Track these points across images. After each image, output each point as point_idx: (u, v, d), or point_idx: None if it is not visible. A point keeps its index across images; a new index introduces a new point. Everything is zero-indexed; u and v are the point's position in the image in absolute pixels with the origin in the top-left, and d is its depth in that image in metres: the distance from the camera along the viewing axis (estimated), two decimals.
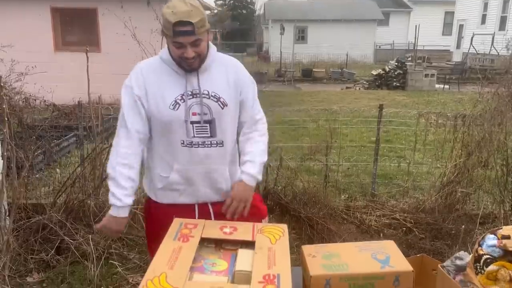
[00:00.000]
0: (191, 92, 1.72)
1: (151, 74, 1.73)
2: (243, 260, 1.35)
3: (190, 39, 1.62)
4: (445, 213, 3.44)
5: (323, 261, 1.53)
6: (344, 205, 3.65)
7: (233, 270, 1.31)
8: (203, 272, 1.31)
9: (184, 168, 1.76)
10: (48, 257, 3.15)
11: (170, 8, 1.60)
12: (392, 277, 1.48)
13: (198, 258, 1.38)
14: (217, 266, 1.35)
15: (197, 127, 1.72)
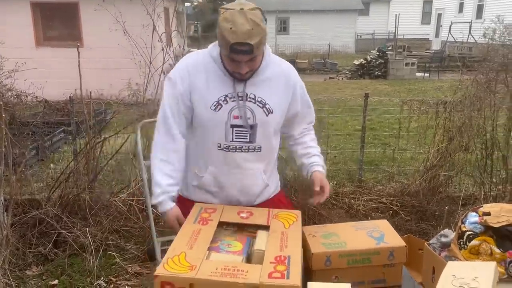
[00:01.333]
0: (237, 94, 1.63)
1: (198, 71, 1.65)
2: (261, 240, 1.45)
3: (247, 58, 1.53)
4: (429, 196, 3.60)
5: (322, 240, 1.65)
6: (332, 191, 3.78)
7: (247, 251, 1.41)
8: (219, 252, 1.41)
9: (218, 171, 1.72)
10: (46, 250, 3.20)
11: (229, 23, 1.47)
12: (387, 252, 1.61)
13: (215, 239, 1.48)
14: (232, 247, 1.46)
15: (237, 131, 1.65)
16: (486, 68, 3.82)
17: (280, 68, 1.72)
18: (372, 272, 1.62)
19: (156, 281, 1.24)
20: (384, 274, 1.63)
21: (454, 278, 1.79)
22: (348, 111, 6.63)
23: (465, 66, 5.00)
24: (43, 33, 9.41)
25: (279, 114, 1.70)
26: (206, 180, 1.74)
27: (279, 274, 1.25)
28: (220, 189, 1.75)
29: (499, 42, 4.31)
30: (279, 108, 1.70)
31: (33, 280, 2.98)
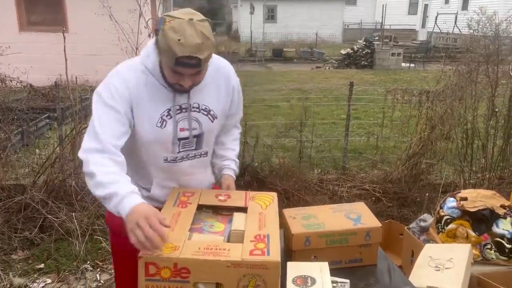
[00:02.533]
0: (180, 106, 1.54)
1: (137, 88, 1.49)
2: (238, 222, 1.49)
3: (193, 71, 1.43)
4: (410, 183, 3.70)
5: (302, 221, 1.70)
6: (317, 178, 3.85)
7: (229, 231, 1.46)
8: (202, 233, 1.45)
9: (165, 182, 1.66)
10: (32, 235, 3.22)
11: (177, 34, 1.34)
12: (363, 233, 1.66)
13: (197, 221, 1.52)
14: (214, 227, 1.50)
15: (184, 142, 1.60)
16: (468, 58, 3.90)
17: (219, 68, 1.65)
18: (349, 251, 1.68)
19: (140, 262, 1.27)
20: (361, 254, 1.70)
21: (431, 259, 1.88)
22: (334, 100, 6.70)
23: (449, 57, 5.09)
24: (27, 17, 9.26)
25: (222, 118, 1.69)
26: (154, 193, 1.66)
27: (260, 252, 1.30)
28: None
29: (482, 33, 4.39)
30: (222, 112, 1.67)
31: (19, 264, 3.00)
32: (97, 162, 1.39)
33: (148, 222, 1.27)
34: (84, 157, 1.43)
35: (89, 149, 1.43)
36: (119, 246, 1.67)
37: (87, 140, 1.45)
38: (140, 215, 1.29)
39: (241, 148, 3.77)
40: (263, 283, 1.28)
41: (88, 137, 1.45)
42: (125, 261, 1.60)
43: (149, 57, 1.50)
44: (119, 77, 1.50)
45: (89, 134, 1.46)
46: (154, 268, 1.28)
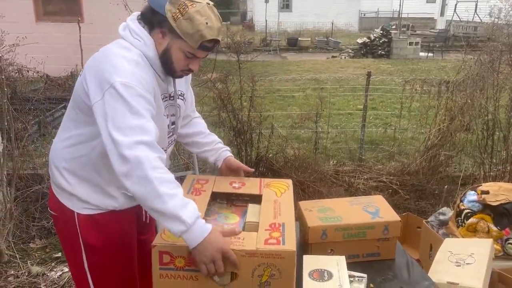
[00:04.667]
0: (169, 94, 1.52)
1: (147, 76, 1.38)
2: (252, 213, 1.47)
3: (205, 54, 1.45)
4: (428, 175, 3.62)
5: (319, 214, 1.67)
6: (333, 169, 3.81)
7: (243, 222, 1.43)
8: (216, 224, 1.44)
9: None
10: (49, 224, 3.25)
11: (203, 17, 1.34)
12: (382, 227, 1.63)
13: (212, 212, 1.51)
14: (229, 219, 1.48)
15: (171, 129, 1.57)
16: (490, 47, 3.78)
17: None
18: (366, 245, 1.65)
19: (154, 250, 1.26)
20: (379, 248, 1.66)
21: (451, 254, 1.83)
22: (350, 90, 6.60)
23: (469, 46, 4.95)
24: (43, 8, 9.31)
25: (189, 101, 1.68)
26: None
27: (275, 241, 1.27)
28: None
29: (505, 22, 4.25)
30: (187, 95, 1.65)
31: (37, 253, 3.04)
32: (151, 165, 1.23)
33: (223, 256, 1.23)
34: (133, 155, 1.22)
35: (138, 142, 1.23)
36: (98, 265, 1.53)
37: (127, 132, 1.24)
38: (215, 249, 1.22)
39: (256, 138, 3.75)
40: (278, 273, 1.26)
41: (124, 131, 1.24)
42: (106, 277, 1.55)
43: (147, 46, 1.40)
44: (141, 66, 1.37)
45: (123, 128, 1.25)
46: (168, 257, 1.27)
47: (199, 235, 1.22)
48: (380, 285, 1.54)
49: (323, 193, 3.28)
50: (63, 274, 2.84)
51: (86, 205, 1.48)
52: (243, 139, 3.59)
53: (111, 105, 1.27)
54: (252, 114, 3.59)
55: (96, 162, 1.44)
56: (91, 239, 1.49)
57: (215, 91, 3.45)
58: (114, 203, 1.50)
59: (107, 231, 1.51)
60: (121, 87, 1.27)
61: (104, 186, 1.47)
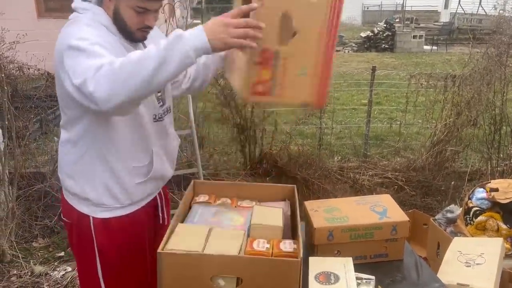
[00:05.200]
0: None
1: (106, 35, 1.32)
2: (258, 215, 1.44)
3: (158, 5, 1.37)
4: (435, 171, 3.57)
5: (325, 215, 1.63)
6: (337, 166, 3.76)
7: (248, 225, 1.40)
8: (221, 226, 1.41)
9: (158, 147, 1.50)
10: (52, 223, 3.23)
11: None
12: (389, 227, 1.59)
13: (217, 213, 1.47)
14: (234, 220, 1.45)
15: (158, 95, 1.48)
16: (498, 41, 3.71)
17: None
18: (374, 246, 1.61)
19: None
20: (386, 249, 1.62)
21: (460, 254, 1.78)
22: (354, 85, 6.53)
23: (475, 39, 4.87)
24: (45, 4, 9.26)
25: None
26: (157, 166, 1.49)
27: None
28: (163, 167, 1.54)
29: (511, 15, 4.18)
30: None
31: (40, 252, 3.02)
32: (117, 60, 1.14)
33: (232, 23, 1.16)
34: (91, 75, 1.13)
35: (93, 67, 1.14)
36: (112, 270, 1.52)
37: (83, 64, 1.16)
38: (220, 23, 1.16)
39: (259, 135, 3.70)
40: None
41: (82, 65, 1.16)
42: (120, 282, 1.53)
43: (96, 14, 1.34)
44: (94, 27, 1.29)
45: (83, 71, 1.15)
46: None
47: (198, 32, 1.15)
48: (389, 287, 1.50)
49: (327, 190, 3.24)
50: (66, 274, 2.82)
51: (100, 208, 1.45)
52: (247, 135, 3.55)
53: (69, 62, 1.20)
54: (255, 111, 3.54)
55: (99, 153, 1.40)
56: (106, 243, 1.46)
57: (217, 87, 3.41)
58: (127, 200, 1.46)
59: (121, 235, 1.49)
60: (75, 41, 1.21)
61: (115, 179, 1.43)
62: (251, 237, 1.38)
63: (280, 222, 1.43)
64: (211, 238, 1.33)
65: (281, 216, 1.48)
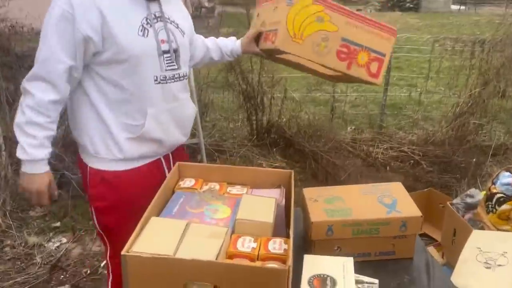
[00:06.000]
0: (154, 15, 1.41)
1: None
2: (245, 207, 1.24)
3: None
4: (455, 146, 3.31)
5: (325, 206, 1.43)
6: (350, 137, 3.52)
7: (234, 219, 1.21)
8: (202, 221, 1.22)
9: (159, 111, 1.46)
10: None
11: None
12: (398, 223, 1.38)
13: (200, 203, 1.29)
14: (219, 213, 1.26)
15: (167, 58, 1.44)
16: None
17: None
18: (379, 243, 1.41)
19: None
20: (394, 246, 1.42)
21: (480, 252, 1.57)
22: None
23: None
24: None
25: (188, 37, 1.57)
26: (150, 127, 1.44)
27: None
28: (163, 132, 1.49)
29: None
30: (189, 30, 1.58)
31: (36, 222, 2.93)
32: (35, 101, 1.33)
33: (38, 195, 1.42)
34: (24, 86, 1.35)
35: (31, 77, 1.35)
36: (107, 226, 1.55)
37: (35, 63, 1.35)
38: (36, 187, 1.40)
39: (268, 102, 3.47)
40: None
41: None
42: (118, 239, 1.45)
43: None
44: None
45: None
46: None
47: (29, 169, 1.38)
48: None
49: (337, 165, 3.02)
50: (61, 245, 2.72)
51: (96, 158, 1.47)
52: (253, 104, 3.32)
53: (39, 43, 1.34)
54: (263, 76, 3.29)
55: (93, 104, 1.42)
56: (100, 197, 1.49)
57: None
58: (119, 153, 1.45)
59: (114, 191, 1.49)
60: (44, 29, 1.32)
61: (108, 131, 1.44)
62: (236, 233, 1.19)
63: (270, 217, 1.24)
64: (187, 236, 1.14)
65: (273, 208, 1.28)
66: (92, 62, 1.36)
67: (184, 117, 1.58)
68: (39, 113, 1.33)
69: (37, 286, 2.36)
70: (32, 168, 1.37)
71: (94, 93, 1.40)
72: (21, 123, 1.34)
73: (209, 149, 3.09)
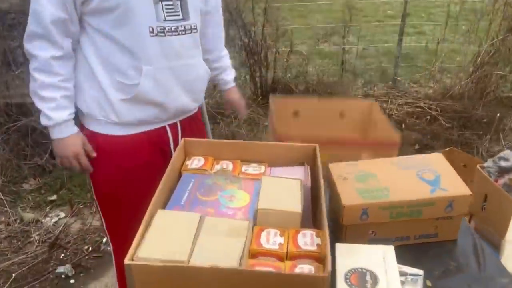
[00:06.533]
0: None
1: None
2: (266, 193, 1.05)
3: None
4: (475, 99, 3.09)
5: (357, 185, 1.23)
6: (362, 93, 3.28)
7: (255, 209, 1.02)
8: (218, 212, 1.02)
9: (158, 69, 1.30)
10: (43, 161, 2.93)
11: None
12: (445, 203, 1.19)
13: (214, 188, 1.10)
14: (235, 201, 1.07)
15: (167, 6, 1.27)
16: None
17: None
18: (421, 226, 1.23)
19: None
20: (437, 228, 1.24)
21: None
22: None
23: None
24: None
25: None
26: (145, 86, 1.30)
27: None
28: (164, 94, 1.34)
29: None
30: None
31: (30, 195, 2.75)
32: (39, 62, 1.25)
33: (76, 158, 1.34)
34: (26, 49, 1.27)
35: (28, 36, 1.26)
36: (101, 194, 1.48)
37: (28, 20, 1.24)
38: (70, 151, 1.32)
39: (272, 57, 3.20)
40: None
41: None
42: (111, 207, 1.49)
43: None
44: None
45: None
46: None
47: (57, 134, 1.31)
48: (440, 283, 1.14)
49: None
50: (59, 221, 2.56)
51: (90, 118, 1.37)
52: (257, 60, 3.05)
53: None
54: (266, 29, 3.00)
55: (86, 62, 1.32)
56: (94, 165, 1.40)
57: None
58: (114, 116, 1.34)
59: (109, 157, 1.40)
60: None
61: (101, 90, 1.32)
62: (258, 226, 1.00)
63: (298, 204, 1.04)
64: (202, 235, 0.95)
65: (299, 192, 1.09)
66: (83, 13, 1.25)
67: (192, 79, 1.40)
68: (47, 73, 1.25)
69: (36, 266, 2.21)
70: (60, 132, 1.31)
71: (88, 48, 1.30)
72: (35, 89, 1.27)
73: (210, 112, 2.86)
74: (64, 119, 1.29)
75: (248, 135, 2.89)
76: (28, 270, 2.18)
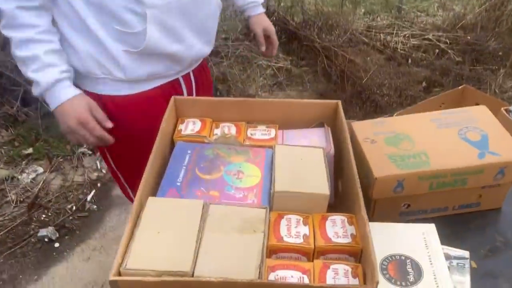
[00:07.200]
0: None
1: None
2: (282, 169, 0.84)
3: None
4: (489, 30, 2.81)
5: (388, 149, 1.01)
6: (364, 25, 2.97)
7: (269, 190, 0.81)
8: (223, 195, 0.81)
9: (163, 12, 1.07)
10: (14, 110, 2.64)
11: None
12: (495, 170, 0.98)
13: (216, 162, 0.88)
14: (244, 179, 0.85)
15: None
16: None
17: None
18: (463, 196, 1.04)
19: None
20: (480, 197, 1.05)
21: None
22: None
23: None
24: None
25: None
26: (152, 32, 1.07)
27: None
28: (179, 42, 1.13)
29: None
30: None
31: (3, 149, 2.50)
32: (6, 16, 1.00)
33: (85, 128, 1.08)
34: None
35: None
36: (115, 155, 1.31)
37: None
38: (72, 119, 1.06)
39: None
40: None
41: None
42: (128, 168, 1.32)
43: None
44: None
45: None
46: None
47: (54, 101, 1.06)
48: (487, 264, 0.97)
49: (355, 62, 2.54)
50: (38, 177, 2.34)
51: (89, 79, 1.14)
52: None
53: None
54: None
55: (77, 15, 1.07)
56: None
57: None
58: (118, 72, 1.12)
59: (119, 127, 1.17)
60: None
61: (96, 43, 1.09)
62: (274, 211, 0.80)
63: (324, 182, 0.83)
64: (207, 231, 0.74)
65: (324, 165, 0.87)
66: None
67: (204, 16, 1.17)
68: (17, 27, 1.01)
69: (15, 230, 2.02)
70: (54, 98, 1.06)
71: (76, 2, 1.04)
72: (15, 52, 1.02)
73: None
74: (56, 79, 1.04)
75: (241, 76, 2.62)
76: (6, 234, 1.99)
